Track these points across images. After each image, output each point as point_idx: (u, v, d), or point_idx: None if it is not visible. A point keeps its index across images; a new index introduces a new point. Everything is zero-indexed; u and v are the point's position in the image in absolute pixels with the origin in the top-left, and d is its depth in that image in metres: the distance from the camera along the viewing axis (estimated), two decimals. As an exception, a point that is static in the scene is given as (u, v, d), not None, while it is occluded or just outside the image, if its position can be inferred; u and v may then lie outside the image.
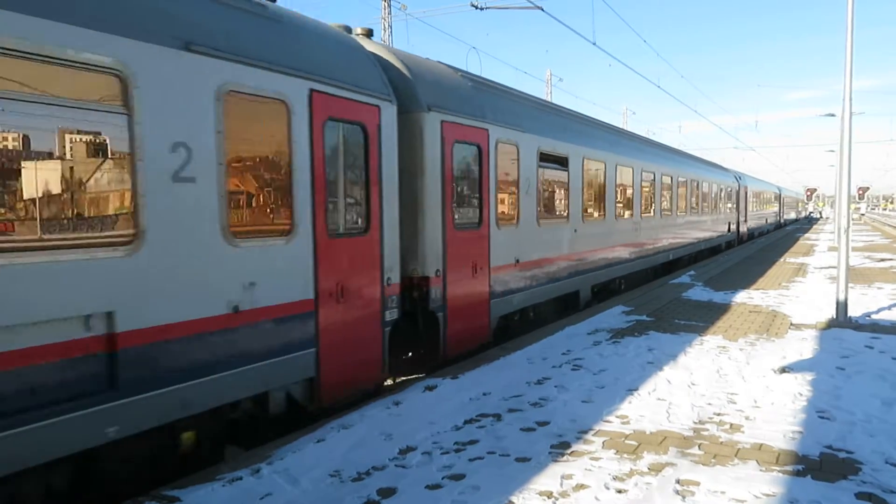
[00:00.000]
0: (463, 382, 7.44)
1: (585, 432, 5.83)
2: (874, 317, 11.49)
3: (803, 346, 9.24)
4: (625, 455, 5.31)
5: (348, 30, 7.93)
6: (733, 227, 31.10)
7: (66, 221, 4.31)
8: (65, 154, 4.36)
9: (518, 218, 10.23)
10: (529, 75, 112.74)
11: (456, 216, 8.61)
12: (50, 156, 4.28)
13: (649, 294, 14.57)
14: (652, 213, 17.61)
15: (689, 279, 17.15)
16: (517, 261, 10.15)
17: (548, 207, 11.54)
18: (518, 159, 10.21)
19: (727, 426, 5.97)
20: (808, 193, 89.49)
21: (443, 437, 5.74)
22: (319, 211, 6.29)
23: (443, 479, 4.89)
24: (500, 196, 9.70)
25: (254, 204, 5.82)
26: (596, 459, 5.21)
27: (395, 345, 7.71)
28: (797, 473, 4.91)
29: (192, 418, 5.18)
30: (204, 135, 5.15)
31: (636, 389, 7.13)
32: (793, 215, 74.68)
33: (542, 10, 14.97)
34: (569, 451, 5.39)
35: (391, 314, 7.39)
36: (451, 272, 8.45)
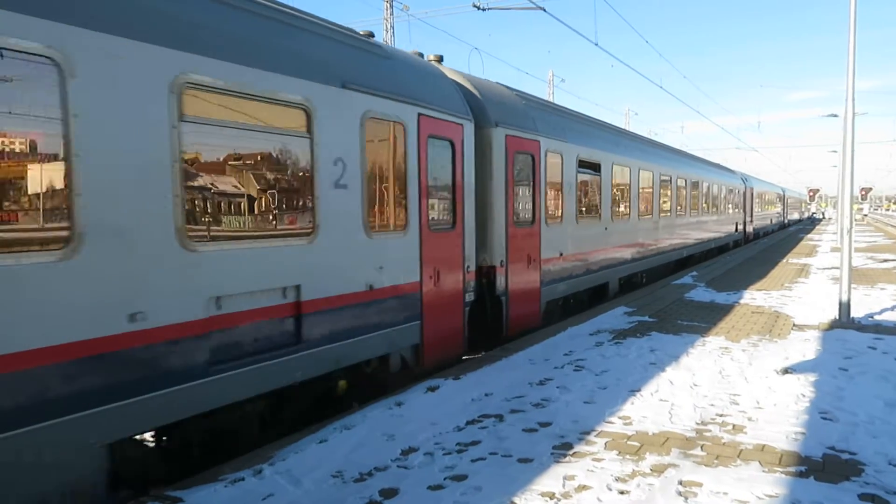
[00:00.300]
0: (465, 383, 7.44)
1: (587, 433, 5.83)
2: (877, 318, 11.47)
3: (806, 346, 9.22)
4: (627, 456, 5.30)
5: (420, 55, 9.18)
6: (740, 227, 32.23)
7: (277, 217, 5.90)
8: (276, 168, 5.94)
9: (562, 217, 11.69)
10: (531, 76, 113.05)
11: (515, 214, 10.01)
12: (271, 170, 5.86)
13: (651, 295, 14.55)
14: (669, 214, 19.05)
15: (691, 280, 17.13)
16: (561, 254, 11.58)
17: (585, 208, 12.97)
18: (562, 166, 11.65)
19: (730, 427, 5.96)
20: (811, 194, 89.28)
21: (445, 438, 5.74)
22: (424, 210, 7.81)
23: (445, 479, 4.89)
24: (548, 197, 11.15)
25: (381, 204, 7.28)
26: (598, 460, 5.21)
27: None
28: (800, 474, 4.90)
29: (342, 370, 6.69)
30: (353, 151, 6.65)
31: (638, 390, 7.12)
32: (796, 216, 75.43)
33: (545, 10, 14.98)
34: (571, 452, 5.38)
35: (469, 296, 8.88)
36: (511, 263, 9.82)
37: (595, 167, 13.23)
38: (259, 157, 5.74)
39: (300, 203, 6.11)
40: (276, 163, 5.91)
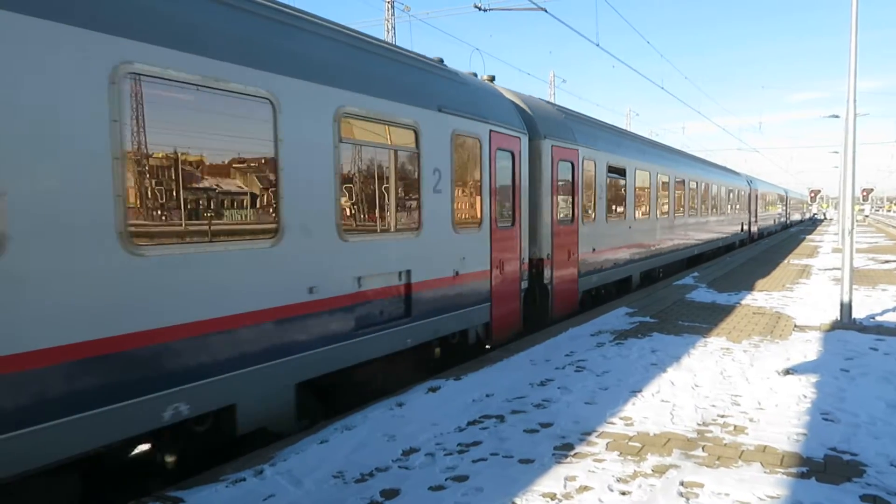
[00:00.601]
0: (466, 384, 7.44)
1: (589, 434, 5.82)
2: (878, 318, 11.45)
3: (807, 347, 9.21)
4: (628, 457, 5.30)
5: (475, 75, 10.55)
6: (745, 227, 33.80)
7: (397, 216, 7.44)
8: (396, 176, 7.44)
9: (595, 216, 13.30)
10: (533, 76, 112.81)
11: (559, 214, 11.54)
12: (393, 178, 7.35)
13: (653, 296, 14.54)
14: (683, 214, 20.88)
15: (692, 280, 17.12)
16: (594, 249, 13.16)
17: (612, 208, 14.51)
18: (595, 171, 13.26)
19: (731, 428, 5.96)
20: (812, 195, 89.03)
21: (446, 439, 5.74)
22: (493, 210, 9.39)
23: (446, 480, 4.89)
24: (584, 198, 12.73)
25: (463, 206, 8.79)
26: (599, 461, 5.21)
27: None
28: (801, 475, 4.90)
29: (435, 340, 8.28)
30: (445, 162, 8.22)
31: (639, 391, 7.12)
32: (797, 216, 75.89)
33: (546, 11, 14.99)
34: (572, 453, 5.38)
35: (524, 284, 10.43)
36: (555, 256, 11.41)
37: (621, 172, 14.90)
38: (384, 168, 7.26)
39: (411, 204, 7.69)
40: (396, 172, 7.42)
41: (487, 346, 9.49)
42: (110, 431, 4.47)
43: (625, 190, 15.17)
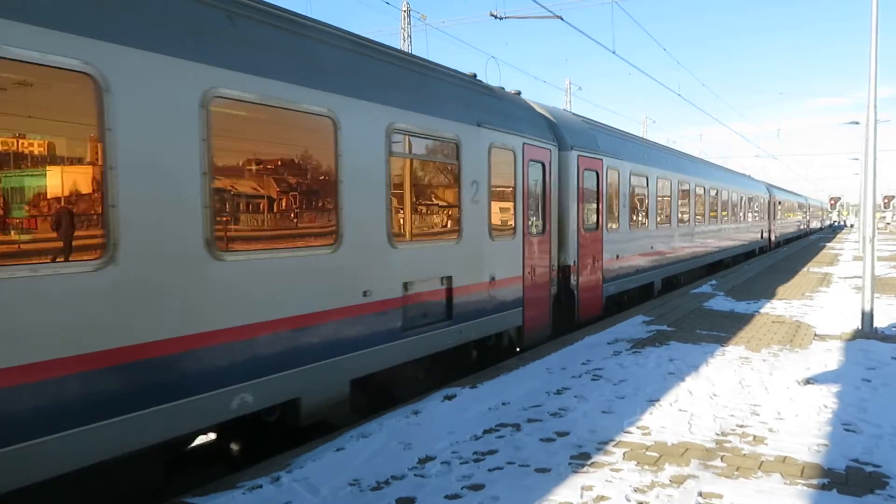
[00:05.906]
0: (482, 392, 7.42)
1: (606, 443, 5.78)
2: (901, 328, 11.27)
3: (828, 357, 9.09)
4: (646, 467, 5.25)
5: (519, 93, 11.24)
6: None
7: (442, 226, 8.14)
8: (443, 187, 8.29)
9: (618, 224, 13.76)
10: (549, 84, 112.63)
11: (584, 222, 11.97)
12: (441, 189, 8.18)
13: (670, 304, 14.43)
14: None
15: (710, 289, 16.97)
16: (617, 256, 13.59)
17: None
18: (618, 180, 13.63)
19: (750, 438, 5.89)
20: (833, 202, 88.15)
21: (462, 447, 5.72)
22: (525, 219, 9.80)
23: (462, 489, 4.87)
24: (609, 207, 13.21)
25: (499, 214, 9.21)
26: (616, 471, 5.16)
27: None
28: (822, 487, 4.82)
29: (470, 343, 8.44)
30: (483, 174, 8.70)
31: (657, 400, 7.06)
32: (825, 223, 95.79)
33: (562, 19, 14.99)
34: (589, 463, 5.34)
35: (553, 289, 10.91)
36: (581, 262, 11.79)
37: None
38: (432, 180, 8.04)
39: (451, 214, 8.22)
40: (441, 183, 8.13)
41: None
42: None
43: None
